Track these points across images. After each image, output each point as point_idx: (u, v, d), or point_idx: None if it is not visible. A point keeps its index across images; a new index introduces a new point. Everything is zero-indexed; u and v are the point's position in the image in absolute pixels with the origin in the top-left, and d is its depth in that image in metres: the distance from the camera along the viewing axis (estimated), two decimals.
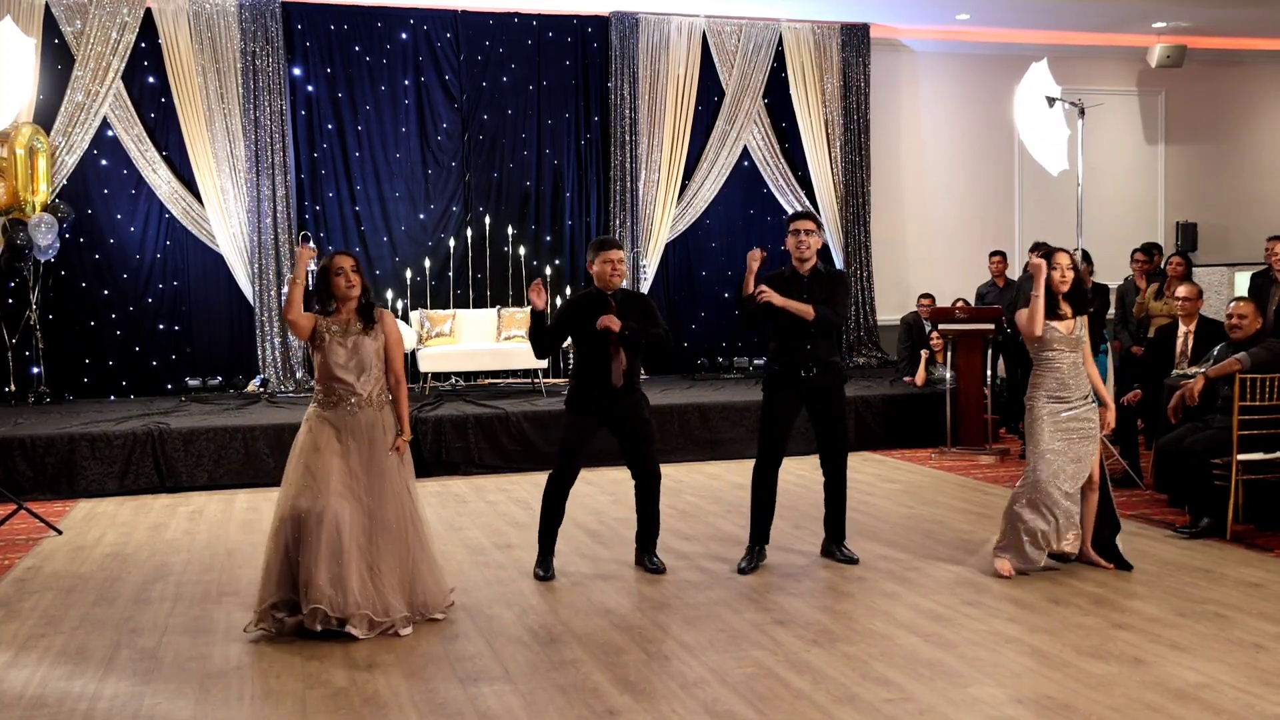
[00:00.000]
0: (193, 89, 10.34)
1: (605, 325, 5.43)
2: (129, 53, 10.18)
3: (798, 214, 5.85)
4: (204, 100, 10.35)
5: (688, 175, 11.73)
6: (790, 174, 12.05)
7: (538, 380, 10.27)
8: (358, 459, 4.81)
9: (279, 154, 10.51)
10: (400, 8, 10.93)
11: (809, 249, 5.68)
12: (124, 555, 6.34)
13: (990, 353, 9.56)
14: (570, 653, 4.53)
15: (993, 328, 9.20)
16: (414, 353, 9.95)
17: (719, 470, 8.73)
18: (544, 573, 5.64)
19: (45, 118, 9.99)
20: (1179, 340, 7.42)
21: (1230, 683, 4.08)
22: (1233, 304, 6.70)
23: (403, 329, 6.30)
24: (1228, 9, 11.97)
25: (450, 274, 11.05)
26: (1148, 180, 13.78)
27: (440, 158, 11.16)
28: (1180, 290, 7.59)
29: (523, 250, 11.19)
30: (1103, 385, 5.69)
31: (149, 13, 10.25)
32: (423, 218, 11.13)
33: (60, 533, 6.90)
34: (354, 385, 4.84)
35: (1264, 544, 6.03)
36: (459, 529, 6.85)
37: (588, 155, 11.56)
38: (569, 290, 11.13)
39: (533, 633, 4.80)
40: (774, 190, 12.05)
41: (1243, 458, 6.06)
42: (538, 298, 5.53)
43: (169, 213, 10.51)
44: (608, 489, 7.85)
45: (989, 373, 9.58)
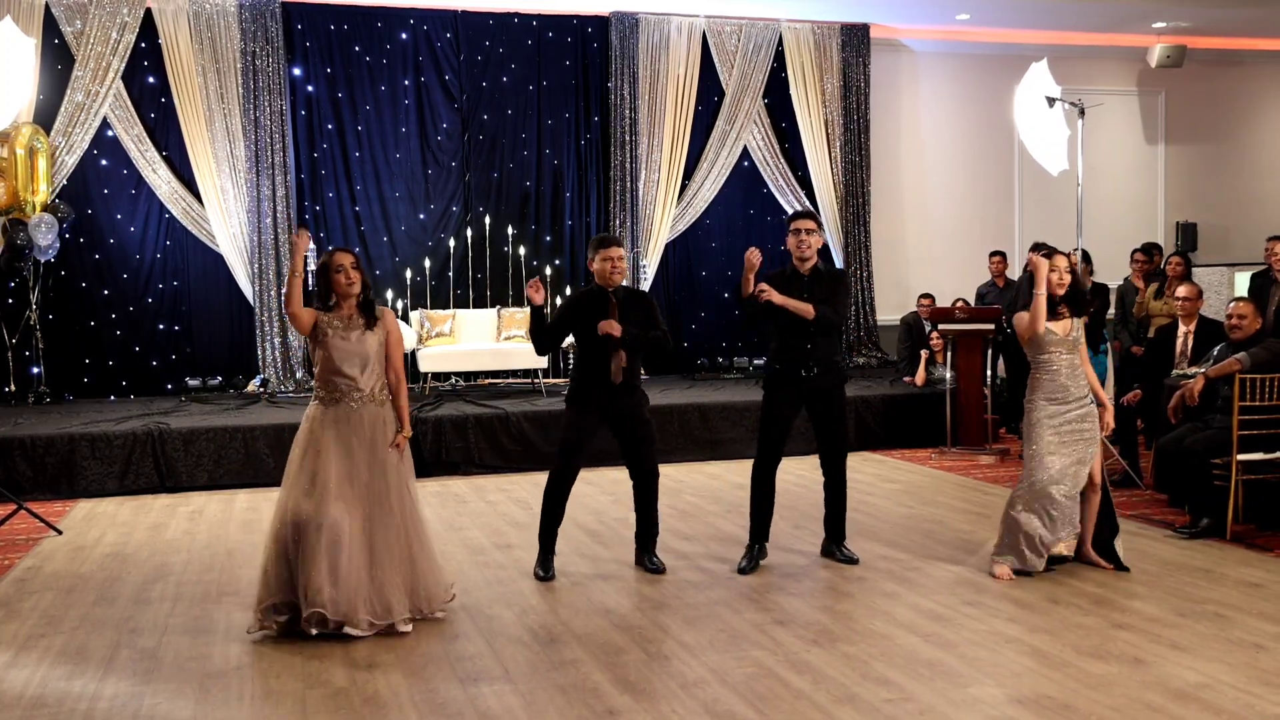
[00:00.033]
0: (193, 89, 10.34)
1: (606, 332, 5.47)
2: (129, 53, 10.18)
3: (798, 213, 5.85)
4: (204, 100, 10.35)
5: (688, 175, 11.73)
6: (790, 174, 12.05)
7: (538, 380, 10.27)
8: (360, 456, 4.81)
9: (279, 154, 10.51)
10: (400, 8, 10.93)
11: (810, 248, 5.68)
12: (124, 555, 6.34)
13: (990, 353, 9.56)
14: (570, 653, 4.53)
15: (993, 328, 9.20)
16: (414, 353, 9.95)
17: (719, 470, 8.73)
18: (544, 572, 5.64)
19: (45, 118, 10.00)
20: (1179, 340, 7.42)
21: (1230, 683, 4.08)
22: (1232, 304, 6.70)
23: (403, 329, 6.29)
24: (1228, 9, 11.97)
25: (450, 274, 11.05)
26: (1147, 180, 13.78)
27: (440, 158, 11.16)
28: (1180, 290, 7.59)
29: (523, 250, 11.19)
30: (1100, 387, 5.68)
31: (149, 13, 10.25)
32: (423, 218, 11.13)
33: (60, 533, 6.91)
34: (357, 380, 4.84)
35: (1264, 544, 6.03)
36: (459, 529, 6.85)
37: (588, 155, 11.56)
38: (569, 290, 11.12)
39: (533, 633, 4.80)
40: (774, 190, 12.05)
41: (1243, 458, 6.06)
42: (536, 294, 5.56)
43: (169, 213, 10.51)
44: (608, 489, 7.85)
45: (989, 373, 9.58)
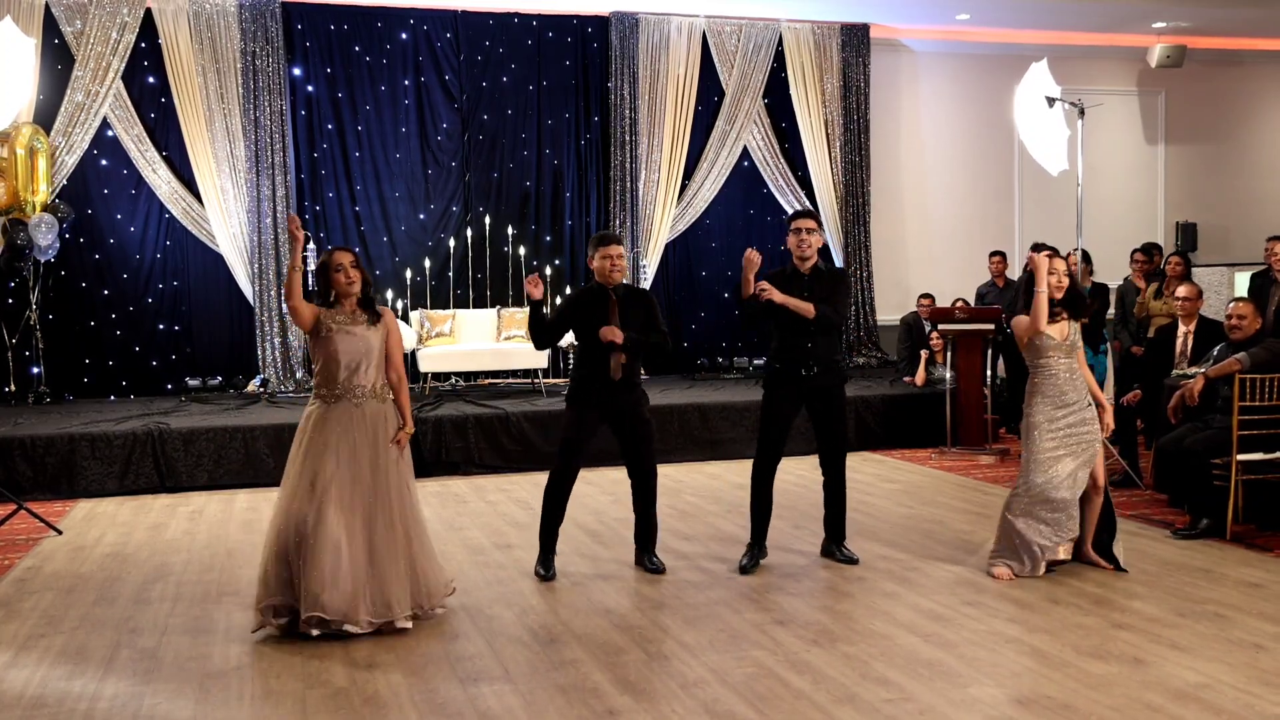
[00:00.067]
0: (193, 89, 10.34)
1: (608, 339, 5.48)
2: (129, 53, 10.18)
3: (799, 213, 5.85)
4: (204, 100, 10.35)
5: (688, 175, 11.73)
6: (790, 174, 12.05)
7: (538, 380, 10.27)
8: (362, 454, 4.80)
9: (279, 154, 10.51)
10: (400, 8, 10.93)
11: (810, 247, 5.68)
12: (124, 555, 6.34)
13: (990, 353, 9.56)
14: (570, 653, 4.53)
15: (992, 328, 9.20)
16: (414, 353, 9.95)
17: (719, 470, 8.73)
18: (545, 572, 5.64)
19: (45, 118, 10.00)
20: (1179, 340, 7.42)
21: (1230, 683, 4.08)
22: (1232, 304, 6.70)
23: (403, 329, 6.30)
24: (1228, 9, 11.97)
25: (450, 274, 11.05)
26: (1147, 180, 13.78)
27: (440, 158, 11.16)
28: (1180, 290, 7.58)
29: (523, 250, 11.19)
30: (1098, 388, 5.68)
31: (149, 13, 10.25)
32: (423, 218, 11.13)
33: (60, 533, 6.91)
34: (359, 375, 4.85)
35: (1264, 544, 6.03)
36: (459, 529, 6.85)
37: (588, 155, 11.56)
38: (568, 290, 11.12)
39: (533, 633, 4.80)
40: (774, 190, 12.05)
41: (1242, 458, 6.06)
42: (534, 289, 5.58)
43: (169, 213, 10.51)
44: (608, 489, 7.85)
45: (989, 373, 9.58)
